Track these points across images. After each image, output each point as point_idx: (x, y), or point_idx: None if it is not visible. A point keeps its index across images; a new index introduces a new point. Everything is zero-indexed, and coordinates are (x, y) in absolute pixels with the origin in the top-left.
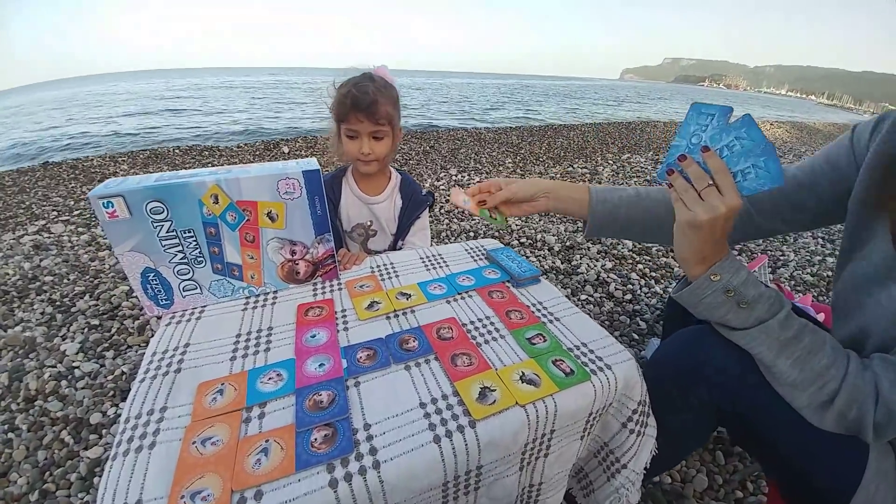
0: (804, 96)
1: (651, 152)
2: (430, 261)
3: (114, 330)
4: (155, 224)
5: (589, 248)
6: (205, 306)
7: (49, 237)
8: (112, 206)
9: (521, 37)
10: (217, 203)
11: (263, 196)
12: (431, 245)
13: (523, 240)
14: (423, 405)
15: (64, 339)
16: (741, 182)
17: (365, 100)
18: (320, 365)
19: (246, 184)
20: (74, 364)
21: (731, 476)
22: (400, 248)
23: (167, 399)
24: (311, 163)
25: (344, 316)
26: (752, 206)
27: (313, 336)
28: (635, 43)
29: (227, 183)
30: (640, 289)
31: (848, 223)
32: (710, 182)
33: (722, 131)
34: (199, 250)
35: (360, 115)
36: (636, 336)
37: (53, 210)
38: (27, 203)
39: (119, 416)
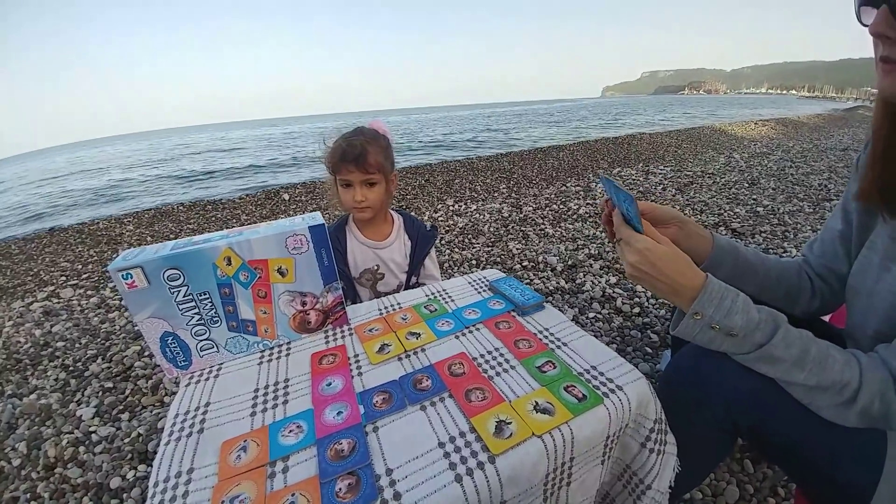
0: (784, 92)
1: (641, 164)
2: (435, 297)
3: (128, 391)
4: (172, 290)
5: (591, 265)
6: (222, 364)
7: (59, 302)
8: (131, 278)
9: (502, 65)
10: (230, 264)
11: (273, 254)
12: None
13: (525, 263)
14: (441, 445)
15: (79, 405)
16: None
17: (353, 152)
18: (338, 413)
19: (256, 244)
20: (91, 429)
21: (762, 483)
22: (414, 284)
23: (193, 460)
24: (316, 217)
25: (357, 361)
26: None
27: (329, 384)
28: (613, 61)
29: (239, 245)
30: (648, 300)
31: (855, 223)
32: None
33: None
34: (214, 310)
35: (350, 165)
36: (649, 350)
37: (62, 275)
38: (35, 270)
39: (138, 479)
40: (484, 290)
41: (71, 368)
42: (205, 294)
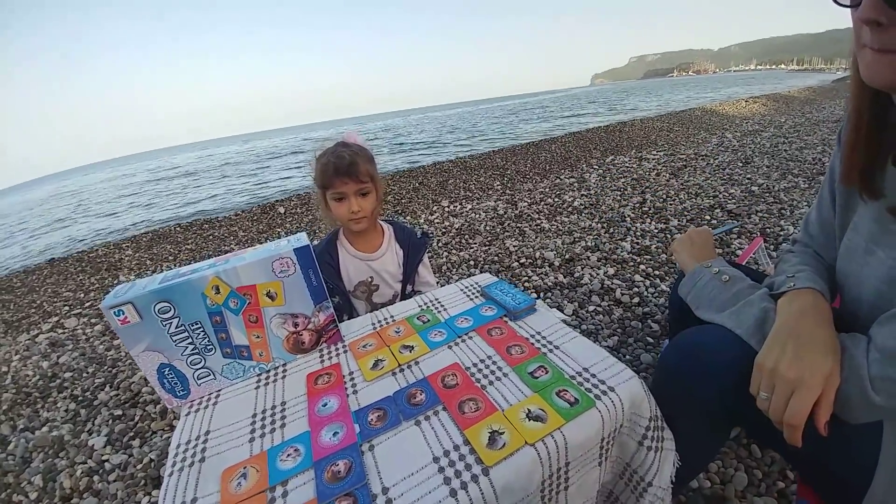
0: (773, 67)
1: (633, 150)
2: (427, 307)
3: (137, 418)
4: (164, 322)
5: (588, 257)
6: (220, 391)
7: (64, 332)
8: (123, 314)
9: (489, 62)
10: (219, 293)
11: (261, 278)
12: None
13: (522, 260)
14: (436, 459)
15: (90, 434)
16: None
17: (344, 163)
18: (334, 434)
19: (243, 271)
20: (104, 457)
21: (770, 468)
22: (410, 293)
23: (196, 490)
24: (301, 238)
25: (352, 379)
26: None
27: (325, 405)
28: (600, 48)
29: (226, 273)
30: (646, 290)
31: (837, 202)
32: None
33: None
34: (207, 339)
35: (344, 177)
36: (650, 339)
37: (65, 305)
38: (38, 302)
39: None
40: (476, 297)
41: (80, 398)
42: (196, 324)
